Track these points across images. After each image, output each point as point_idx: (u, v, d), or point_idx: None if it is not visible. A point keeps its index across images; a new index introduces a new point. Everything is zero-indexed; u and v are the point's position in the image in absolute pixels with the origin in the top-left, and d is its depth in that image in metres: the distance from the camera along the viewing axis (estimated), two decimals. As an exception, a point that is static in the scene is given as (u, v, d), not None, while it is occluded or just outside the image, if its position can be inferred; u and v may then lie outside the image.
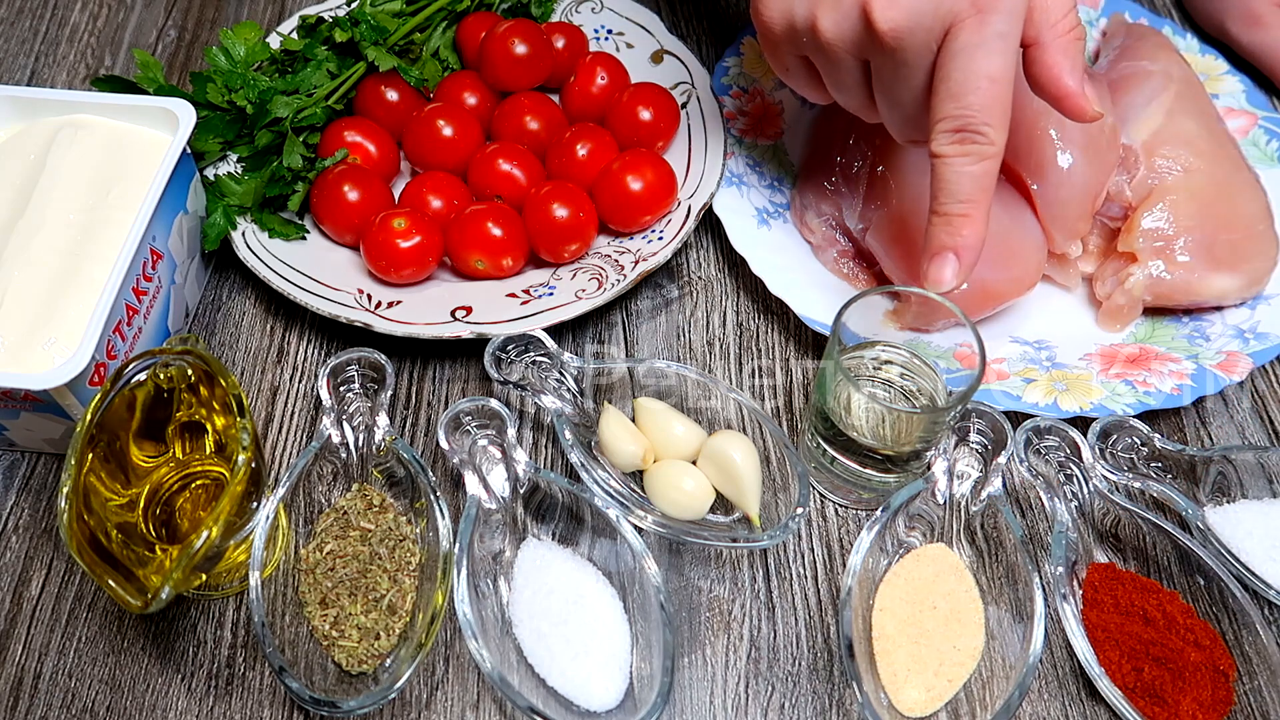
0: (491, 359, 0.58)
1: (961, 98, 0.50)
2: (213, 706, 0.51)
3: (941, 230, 0.53)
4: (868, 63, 0.54)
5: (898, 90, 0.53)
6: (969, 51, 0.49)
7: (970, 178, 0.52)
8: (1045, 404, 0.59)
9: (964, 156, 0.52)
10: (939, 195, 0.53)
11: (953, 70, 0.50)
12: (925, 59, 0.51)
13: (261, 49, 0.69)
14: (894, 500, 0.53)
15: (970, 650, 0.51)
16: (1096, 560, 0.55)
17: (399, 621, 0.51)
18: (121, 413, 0.50)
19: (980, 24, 0.49)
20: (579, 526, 0.54)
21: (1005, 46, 0.50)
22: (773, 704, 0.52)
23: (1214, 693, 0.50)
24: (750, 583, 0.55)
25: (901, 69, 0.52)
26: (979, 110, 0.50)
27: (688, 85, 0.72)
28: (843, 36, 0.52)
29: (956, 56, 0.50)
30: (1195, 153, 0.66)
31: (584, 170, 0.66)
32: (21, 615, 0.53)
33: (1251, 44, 0.78)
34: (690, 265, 0.68)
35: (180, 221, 0.60)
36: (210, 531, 0.45)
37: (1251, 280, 0.64)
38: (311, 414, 0.61)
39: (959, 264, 0.53)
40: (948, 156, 0.52)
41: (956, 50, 0.50)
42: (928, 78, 0.52)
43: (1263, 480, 0.57)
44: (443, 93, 0.70)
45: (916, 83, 0.52)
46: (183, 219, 0.61)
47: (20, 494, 0.57)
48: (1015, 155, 0.65)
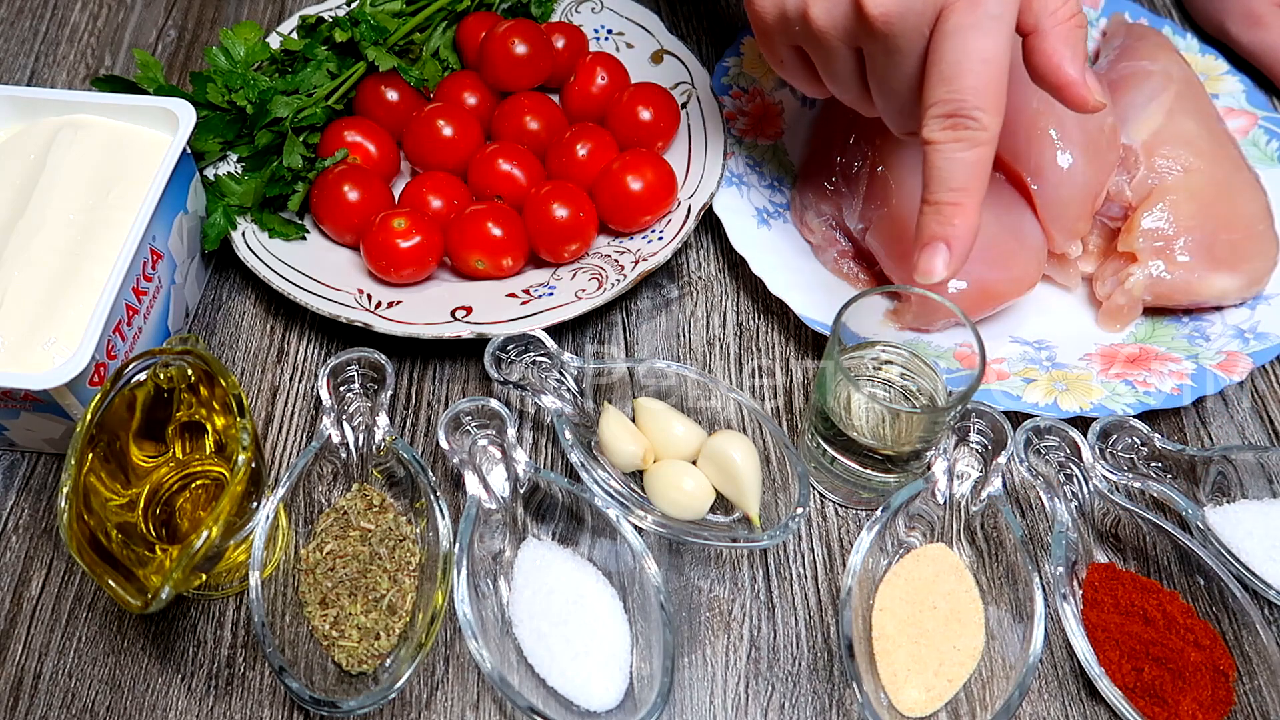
0: (491, 359, 0.58)
1: (954, 81, 0.49)
2: (213, 706, 0.51)
3: (932, 220, 0.52)
4: (861, 51, 0.53)
5: (891, 78, 0.52)
6: (961, 33, 0.48)
7: (963, 165, 0.50)
8: (1045, 404, 0.59)
9: (956, 143, 0.50)
10: (930, 183, 0.52)
11: (945, 53, 0.49)
12: (917, 44, 0.50)
13: (261, 49, 0.69)
14: (894, 500, 0.53)
15: (970, 650, 0.51)
16: (1096, 560, 0.55)
17: (399, 621, 0.51)
18: (121, 413, 0.50)
19: (973, 5, 0.48)
20: (579, 526, 0.54)
21: (999, 28, 0.49)
22: (773, 704, 0.52)
23: (1214, 693, 0.50)
24: (750, 583, 0.55)
25: (894, 55, 0.51)
26: (972, 94, 0.49)
27: (688, 85, 0.72)
28: (835, 24, 0.51)
29: (948, 38, 0.49)
30: (1195, 153, 0.66)
31: (584, 170, 0.66)
32: (21, 615, 0.53)
33: (1251, 43, 0.78)
34: (690, 265, 0.68)
35: (180, 221, 0.60)
36: (210, 531, 0.45)
37: (1251, 280, 0.64)
38: (311, 414, 0.61)
39: (950, 255, 0.52)
40: (939, 143, 0.50)
41: (948, 32, 0.49)
42: (921, 64, 0.51)
43: (1263, 480, 0.57)
44: (443, 93, 0.70)
45: (909, 69, 0.51)
46: (183, 219, 0.61)
47: (20, 494, 0.57)
48: (1015, 155, 0.65)
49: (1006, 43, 0.49)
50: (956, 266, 0.52)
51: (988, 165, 0.51)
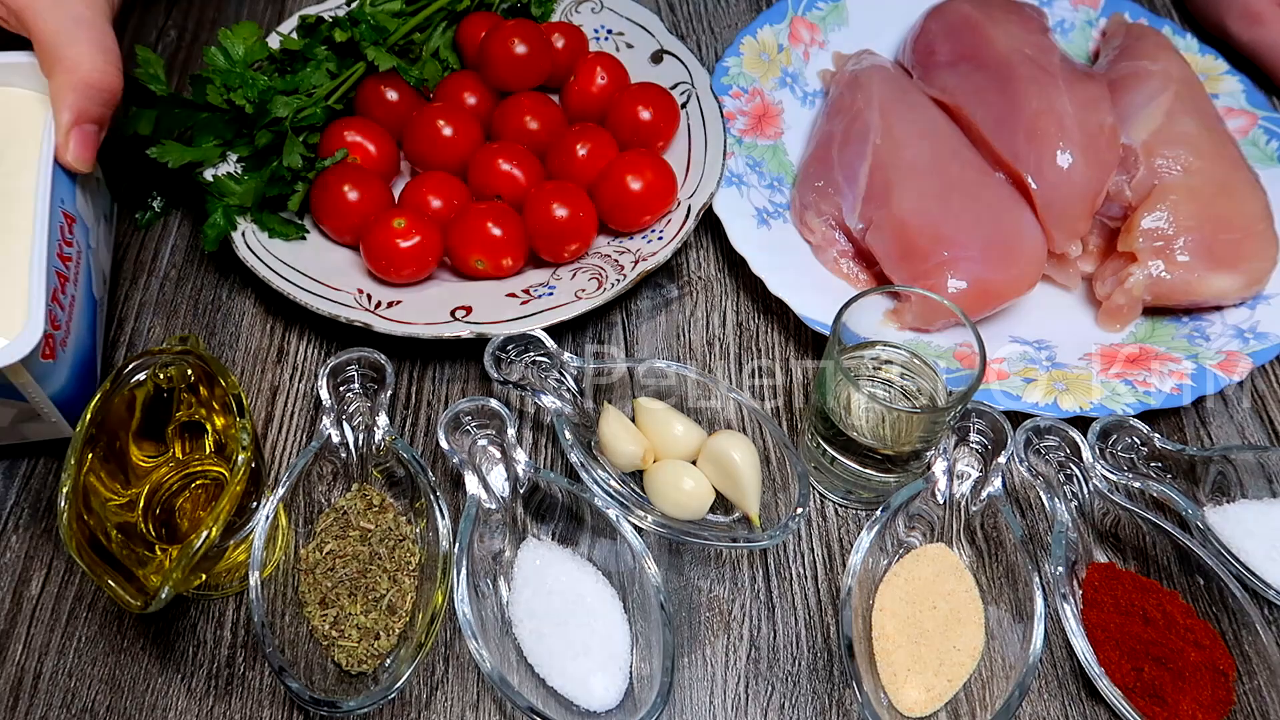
0: (491, 359, 0.58)
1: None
2: (213, 706, 0.51)
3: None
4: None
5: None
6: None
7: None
8: (1045, 404, 0.59)
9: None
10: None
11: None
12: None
13: (260, 48, 0.68)
14: (894, 500, 0.53)
15: (970, 650, 0.51)
16: (1096, 560, 0.55)
17: (399, 621, 0.51)
18: (121, 413, 0.50)
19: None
20: (579, 526, 0.54)
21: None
22: (773, 704, 0.52)
23: (1214, 693, 0.50)
24: (750, 583, 0.55)
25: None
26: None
27: (688, 85, 0.72)
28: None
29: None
30: (1195, 153, 0.66)
31: (584, 170, 0.66)
32: (21, 615, 0.53)
33: (1251, 41, 0.78)
34: (690, 265, 0.68)
35: (81, 182, 0.58)
36: (210, 531, 0.45)
37: (1251, 280, 0.64)
38: (311, 414, 0.61)
39: None
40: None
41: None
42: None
43: (1263, 480, 0.57)
44: (443, 93, 0.70)
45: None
46: (82, 180, 0.58)
47: (20, 494, 0.57)
48: (1015, 155, 0.66)
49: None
50: None
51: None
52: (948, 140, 0.68)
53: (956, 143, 0.68)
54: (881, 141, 0.66)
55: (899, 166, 0.65)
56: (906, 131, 0.67)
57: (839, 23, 0.78)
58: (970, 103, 0.69)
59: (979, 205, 0.64)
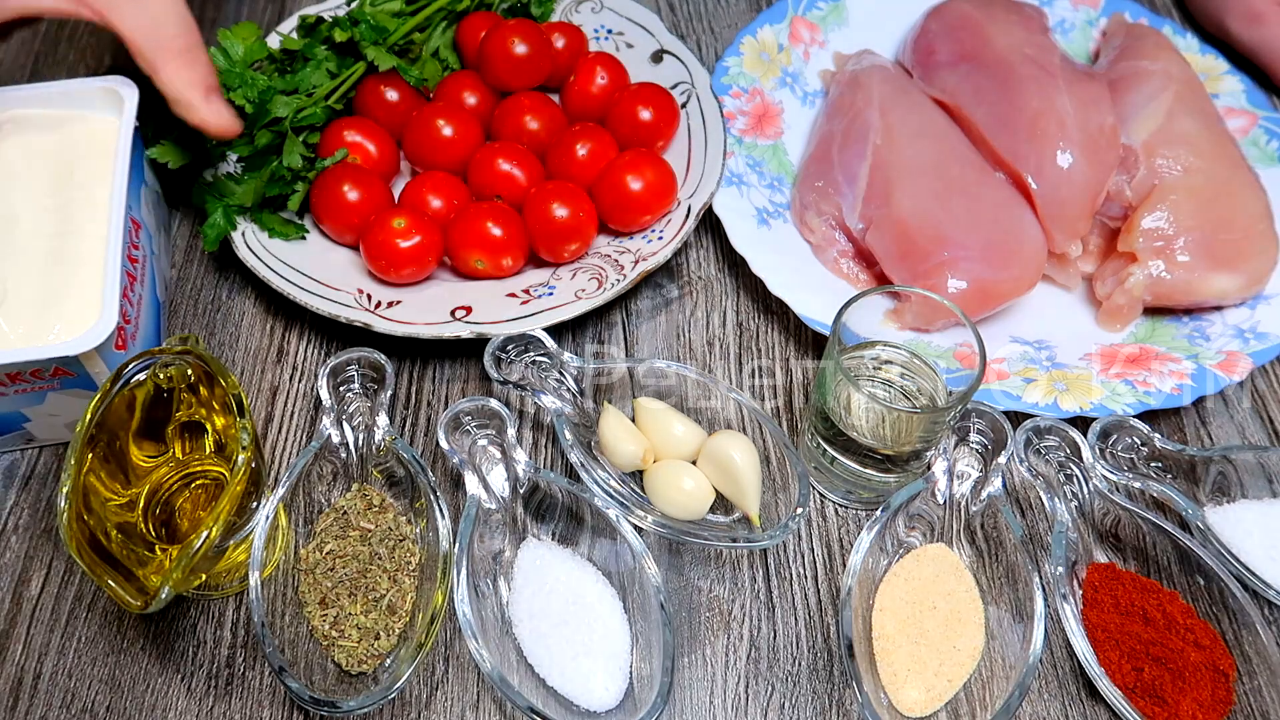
0: (491, 359, 0.58)
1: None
2: (213, 706, 0.51)
3: None
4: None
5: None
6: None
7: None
8: (1045, 404, 0.59)
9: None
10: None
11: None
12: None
13: (260, 48, 0.68)
14: (894, 500, 0.53)
15: (970, 650, 0.51)
16: (1096, 560, 0.55)
17: (399, 621, 0.51)
18: (121, 413, 0.50)
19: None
20: (579, 526, 0.54)
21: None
22: (773, 704, 0.52)
23: (1214, 693, 0.50)
24: (750, 583, 0.55)
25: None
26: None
27: (688, 85, 0.72)
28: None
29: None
30: (1195, 153, 0.66)
31: (584, 170, 0.66)
32: (21, 615, 0.53)
33: (1252, 40, 0.78)
34: (690, 265, 0.68)
35: (144, 194, 0.61)
36: (210, 531, 0.45)
37: (1251, 280, 0.64)
38: (311, 414, 0.61)
39: None
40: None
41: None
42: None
43: (1263, 480, 0.57)
44: (443, 93, 0.70)
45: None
46: (145, 191, 0.62)
47: (20, 494, 0.57)
48: (1015, 155, 0.66)
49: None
50: None
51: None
52: (948, 140, 0.68)
53: (957, 143, 0.68)
54: (882, 141, 0.66)
55: (899, 166, 0.65)
56: (907, 131, 0.67)
57: (839, 23, 0.78)
58: (970, 103, 0.69)
59: (979, 205, 0.64)
